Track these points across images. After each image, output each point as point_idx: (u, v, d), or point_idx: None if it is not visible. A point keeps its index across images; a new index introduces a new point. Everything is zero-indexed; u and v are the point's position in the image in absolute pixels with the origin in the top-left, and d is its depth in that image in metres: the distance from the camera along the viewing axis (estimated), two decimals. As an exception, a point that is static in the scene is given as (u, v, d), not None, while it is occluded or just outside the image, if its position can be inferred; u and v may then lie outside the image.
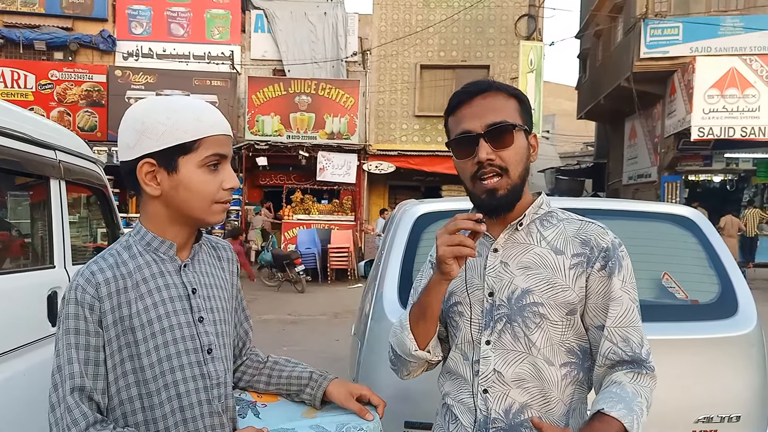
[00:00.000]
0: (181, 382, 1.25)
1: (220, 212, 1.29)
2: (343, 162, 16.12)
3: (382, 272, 2.56)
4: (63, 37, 16.30)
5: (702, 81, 14.77)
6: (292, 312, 9.96)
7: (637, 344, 1.34)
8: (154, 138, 1.22)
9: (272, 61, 16.99)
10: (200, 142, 1.24)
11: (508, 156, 1.35)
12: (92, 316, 1.20)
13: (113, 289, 1.22)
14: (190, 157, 1.24)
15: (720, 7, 16.32)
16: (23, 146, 2.66)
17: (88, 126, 15.50)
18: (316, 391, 1.47)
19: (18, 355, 2.56)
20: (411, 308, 1.48)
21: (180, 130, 1.22)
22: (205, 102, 1.32)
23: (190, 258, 1.33)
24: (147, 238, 1.29)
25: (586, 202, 3.01)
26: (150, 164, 1.24)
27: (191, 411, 1.26)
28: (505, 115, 1.36)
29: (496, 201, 1.37)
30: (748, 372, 2.34)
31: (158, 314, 1.24)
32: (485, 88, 1.39)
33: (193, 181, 1.24)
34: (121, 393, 1.23)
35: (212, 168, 1.26)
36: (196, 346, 1.28)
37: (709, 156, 16.59)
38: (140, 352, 1.22)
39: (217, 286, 1.38)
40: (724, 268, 2.49)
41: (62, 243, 3.01)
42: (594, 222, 1.43)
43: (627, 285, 1.37)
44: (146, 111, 1.25)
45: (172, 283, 1.28)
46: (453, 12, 16.76)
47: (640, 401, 1.28)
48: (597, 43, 22.13)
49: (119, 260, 1.26)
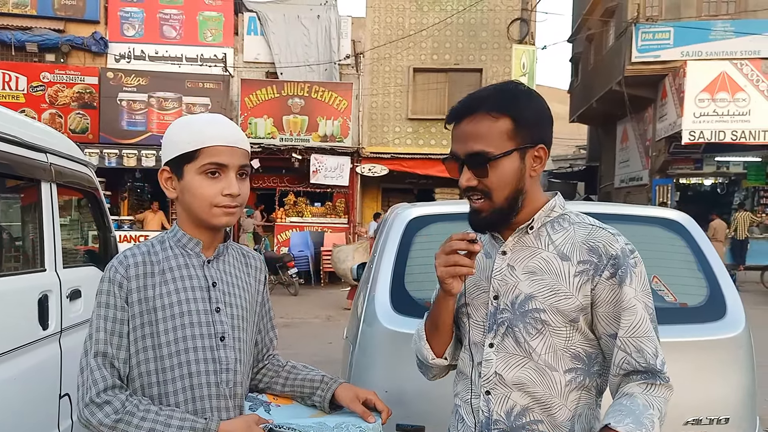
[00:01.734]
0: (193, 362, 1.39)
1: (221, 215, 1.42)
2: (336, 165, 16.10)
3: (374, 275, 2.56)
4: (55, 39, 16.20)
5: (693, 85, 14.89)
6: (284, 315, 9.93)
7: (651, 355, 1.31)
8: (169, 149, 1.43)
9: (265, 63, 16.96)
10: (200, 151, 1.39)
11: (490, 183, 1.35)
12: (120, 292, 1.38)
13: (141, 272, 1.40)
14: (192, 165, 1.40)
15: (711, 11, 16.46)
16: (14, 149, 2.65)
17: (79, 128, 15.41)
18: (326, 393, 1.57)
19: (8, 359, 2.54)
20: (425, 319, 1.54)
21: (185, 141, 1.40)
22: (220, 117, 1.50)
23: (215, 256, 1.49)
24: (178, 235, 1.47)
25: (577, 206, 3.03)
26: (167, 171, 1.45)
27: (200, 390, 1.40)
28: (486, 143, 1.33)
29: (479, 221, 1.40)
30: (736, 374, 2.36)
31: (179, 299, 1.41)
32: (474, 108, 1.35)
33: (193, 186, 1.40)
34: (141, 366, 1.39)
35: (211, 175, 1.40)
36: (210, 333, 1.42)
37: (700, 159, 16.72)
38: (159, 330, 1.38)
39: (238, 286, 1.52)
40: (713, 271, 2.50)
41: (53, 246, 3.00)
42: (605, 227, 1.39)
43: (640, 294, 1.34)
44: (171, 127, 1.46)
45: (195, 275, 1.45)
46: (446, 15, 16.80)
47: (651, 413, 1.25)
48: (589, 47, 22.26)
49: (152, 250, 1.44)
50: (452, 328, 1.49)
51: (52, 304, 2.90)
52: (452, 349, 1.52)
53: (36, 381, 2.78)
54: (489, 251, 1.46)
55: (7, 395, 2.54)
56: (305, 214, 16.18)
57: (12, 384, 2.57)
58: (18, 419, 2.62)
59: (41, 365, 2.83)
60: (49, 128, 3.42)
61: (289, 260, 12.88)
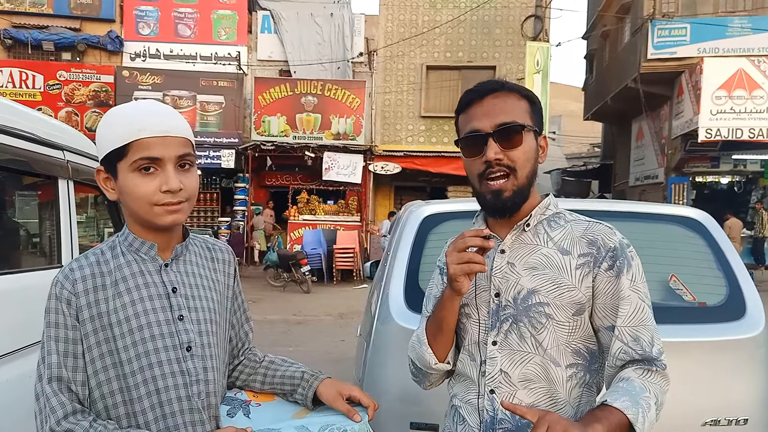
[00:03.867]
0: (159, 377, 1.28)
1: (164, 214, 1.28)
2: (348, 162, 16.12)
3: (388, 273, 2.55)
4: (71, 38, 16.38)
5: (710, 82, 14.70)
6: (297, 312, 9.96)
7: (647, 343, 1.33)
8: (99, 147, 1.29)
9: (278, 61, 17.02)
10: (129, 146, 1.24)
11: (517, 156, 1.36)
12: (69, 310, 1.25)
13: (90, 286, 1.27)
14: (124, 162, 1.26)
15: (728, 7, 16.24)
16: (32, 146, 2.68)
17: (95, 126, 15.54)
18: (307, 391, 1.47)
19: (25, 355, 2.57)
20: (426, 322, 1.50)
21: (114, 135, 1.26)
22: (150, 104, 1.32)
23: (173, 258, 1.36)
24: (129, 239, 1.33)
25: (592, 204, 3.00)
26: (103, 171, 1.31)
27: (170, 406, 1.29)
28: (515, 116, 1.37)
29: (501, 202, 1.38)
30: (755, 375, 2.33)
31: (136, 311, 1.28)
32: (498, 87, 1.40)
33: (128, 185, 1.27)
34: (102, 387, 1.27)
35: (145, 171, 1.26)
36: (174, 344, 1.30)
37: (717, 157, 16.51)
38: (119, 347, 1.26)
39: (204, 287, 1.39)
40: (732, 270, 2.47)
41: (70, 243, 3.02)
42: (602, 223, 1.43)
43: (636, 284, 1.36)
44: (101, 120, 1.32)
45: (151, 281, 1.32)
46: (459, 13, 16.75)
47: (647, 396, 1.26)
48: (604, 43, 22.07)
49: (101, 259, 1.31)
50: (454, 331, 1.47)
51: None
52: (454, 353, 1.49)
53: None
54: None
55: (25, 391, 2.56)
56: (318, 212, 16.22)
57: (30, 380, 2.59)
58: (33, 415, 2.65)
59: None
60: (66, 126, 3.44)
61: (302, 258, 12.91)
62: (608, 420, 1.17)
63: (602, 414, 1.19)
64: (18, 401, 2.53)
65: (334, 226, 15.70)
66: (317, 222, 15.85)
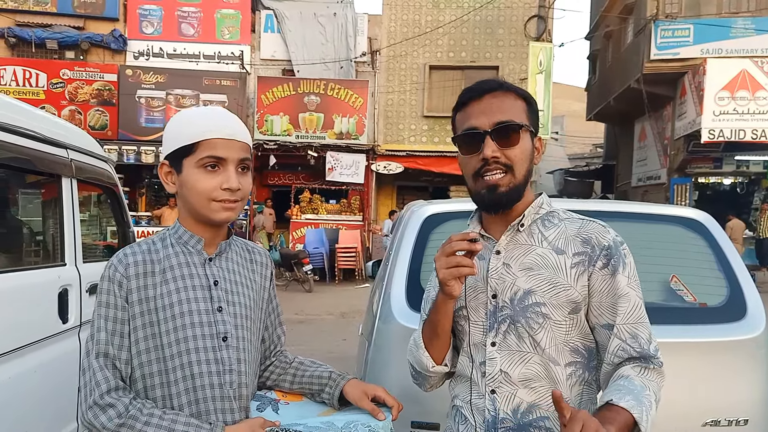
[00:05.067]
0: (195, 363, 1.36)
1: (220, 210, 1.38)
2: (351, 162, 16.13)
3: (390, 273, 2.56)
4: (74, 37, 16.40)
5: (713, 83, 14.68)
6: (299, 311, 9.97)
7: (645, 340, 1.34)
8: (168, 143, 1.41)
9: (282, 61, 17.02)
10: (198, 144, 1.36)
11: (514, 154, 1.38)
12: (120, 291, 1.35)
13: (140, 271, 1.37)
14: (190, 159, 1.37)
15: (731, 8, 16.22)
16: (35, 145, 2.69)
17: (99, 125, 15.58)
18: (334, 390, 1.53)
19: (29, 352, 2.58)
20: (422, 326, 1.51)
21: (184, 135, 1.38)
22: (218, 109, 1.45)
23: (217, 254, 1.45)
24: (179, 232, 1.43)
25: (594, 204, 3.01)
26: (167, 165, 1.42)
27: (203, 392, 1.36)
28: (512, 115, 1.38)
29: (497, 197, 1.38)
30: (756, 376, 2.33)
31: (179, 299, 1.37)
32: (496, 87, 1.42)
33: (190, 180, 1.37)
34: (143, 367, 1.36)
35: (210, 168, 1.37)
36: (212, 333, 1.38)
37: (720, 158, 16.49)
38: (161, 331, 1.35)
39: (242, 284, 1.48)
40: (733, 270, 2.47)
41: (73, 241, 3.04)
42: (595, 221, 1.44)
43: (632, 282, 1.37)
44: (171, 121, 1.44)
45: (196, 273, 1.41)
46: (462, 13, 16.73)
47: (648, 394, 1.27)
48: (607, 44, 22.05)
49: (152, 248, 1.41)
50: (450, 333, 1.47)
51: (71, 298, 2.94)
52: (451, 355, 1.50)
53: (55, 374, 2.82)
54: (482, 253, 1.44)
55: (28, 387, 2.58)
56: (320, 211, 16.23)
57: (32, 376, 2.61)
58: (38, 411, 2.66)
59: (61, 358, 2.87)
60: (70, 124, 3.46)
61: (304, 257, 12.92)
62: (617, 421, 1.18)
63: (611, 415, 1.19)
64: (23, 397, 2.53)
65: (336, 225, 15.70)
66: (319, 221, 15.84)
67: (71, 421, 2.97)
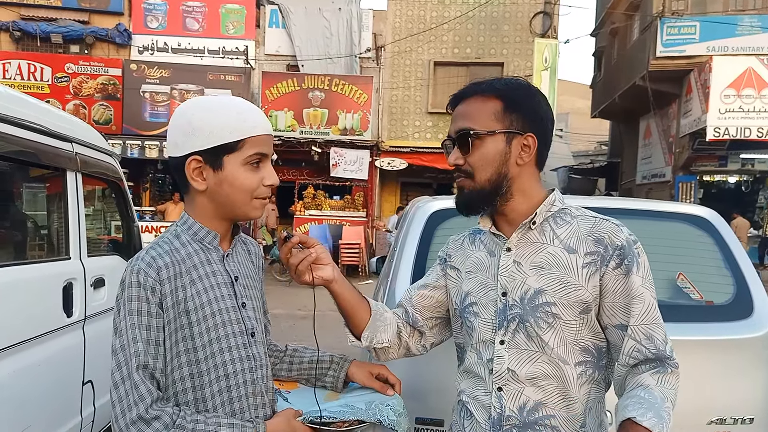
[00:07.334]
0: (228, 362, 1.33)
1: (259, 207, 1.38)
2: (355, 158, 16.11)
3: (395, 269, 2.55)
4: (79, 31, 16.41)
5: (718, 80, 14.62)
6: (302, 307, 9.97)
7: (661, 341, 1.33)
8: (201, 137, 1.30)
9: (286, 56, 17.01)
10: (244, 141, 1.31)
11: (472, 161, 1.40)
12: (154, 297, 1.27)
13: (171, 273, 1.30)
14: (235, 156, 1.31)
15: (738, 6, 16.14)
16: (40, 138, 2.68)
17: (103, 119, 15.61)
18: (339, 373, 1.56)
19: (33, 345, 2.59)
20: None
21: (225, 130, 1.30)
22: (245, 101, 1.40)
23: (231, 249, 1.43)
24: (194, 228, 1.37)
25: (600, 201, 2.99)
26: (197, 161, 1.32)
27: (237, 390, 1.34)
28: (474, 121, 1.38)
29: (461, 200, 1.45)
30: (762, 374, 2.32)
31: (209, 298, 1.33)
32: (470, 93, 1.43)
33: (238, 178, 1.32)
34: (174, 372, 1.30)
35: (254, 165, 1.34)
36: (242, 329, 1.37)
37: (725, 156, 16.43)
38: (193, 333, 1.30)
39: (251, 277, 1.48)
40: (740, 269, 2.46)
41: (78, 235, 3.04)
42: (608, 219, 1.41)
43: (647, 282, 1.35)
44: (194, 111, 1.33)
45: (217, 270, 1.37)
46: (468, 9, 16.69)
47: (667, 406, 1.26)
48: (612, 41, 21.96)
49: (172, 247, 1.34)
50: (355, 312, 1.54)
51: (76, 292, 2.94)
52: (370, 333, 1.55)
53: (60, 367, 2.83)
54: (492, 250, 1.46)
55: (32, 381, 2.58)
56: (324, 207, 16.21)
57: (37, 370, 2.61)
58: (42, 404, 2.67)
59: (65, 352, 2.87)
60: (75, 118, 3.45)
61: (308, 253, 12.90)
62: None
63: None
64: (27, 391, 2.54)
65: (339, 221, 15.70)
66: (323, 217, 15.84)
67: (75, 414, 2.97)
